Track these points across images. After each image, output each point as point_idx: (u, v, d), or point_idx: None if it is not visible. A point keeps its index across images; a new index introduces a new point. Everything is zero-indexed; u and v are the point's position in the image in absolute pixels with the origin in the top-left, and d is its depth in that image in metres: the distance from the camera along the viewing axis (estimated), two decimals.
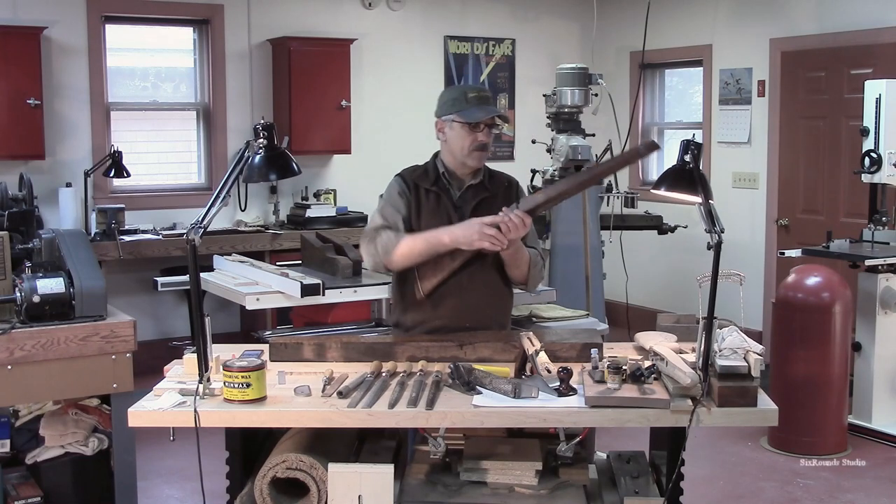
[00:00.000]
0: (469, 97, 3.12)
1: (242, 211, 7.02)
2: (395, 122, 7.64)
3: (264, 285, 4.21)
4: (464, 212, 3.12)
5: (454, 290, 3.09)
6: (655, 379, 2.55)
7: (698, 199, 2.71)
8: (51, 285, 3.37)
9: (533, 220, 3.01)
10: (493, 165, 3.31)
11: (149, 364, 3.70)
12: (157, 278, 5.16)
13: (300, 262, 4.81)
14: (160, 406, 2.51)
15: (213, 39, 6.95)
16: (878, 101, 5.32)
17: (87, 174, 6.33)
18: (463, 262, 3.04)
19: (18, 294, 3.34)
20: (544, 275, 3.26)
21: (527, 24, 8.27)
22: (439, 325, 3.10)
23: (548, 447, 2.72)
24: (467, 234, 2.97)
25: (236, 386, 2.48)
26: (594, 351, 2.67)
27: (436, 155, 3.22)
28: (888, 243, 5.44)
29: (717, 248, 2.51)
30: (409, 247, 3.04)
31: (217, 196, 2.72)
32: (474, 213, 3.08)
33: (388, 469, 2.56)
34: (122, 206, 6.39)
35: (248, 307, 4.10)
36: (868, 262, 5.18)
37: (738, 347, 2.52)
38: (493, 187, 3.20)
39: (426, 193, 3.15)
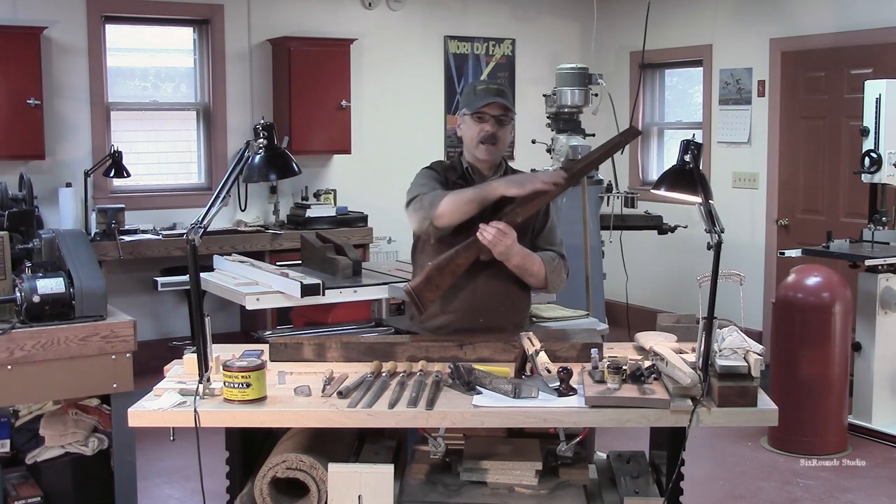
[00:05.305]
0: (478, 90, 3.15)
1: (242, 211, 7.01)
2: (395, 122, 7.65)
3: (264, 285, 4.22)
4: (486, 205, 3.07)
5: (468, 289, 3.10)
6: (655, 379, 2.55)
7: (698, 199, 2.71)
8: (51, 285, 3.37)
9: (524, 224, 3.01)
10: None
11: (149, 364, 3.70)
12: (157, 278, 5.18)
13: (300, 262, 4.81)
14: (160, 406, 2.51)
15: (213, 39, 6.95)
16: (878, 101, 5.32)
17: (87, 174, 6.33)
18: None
19: (18, 294, 3.34)
20: (564, 276, 3.23)
21: (527, 24, 8.27)
22: (452, 321, 3.13)
23: (548, 447, 2.71)
24: (521, 181, 2.98)
25: (236, 386, 2.48)
26: (594, 351, 2.67)
27: (461, 152, 3.25)
28: (888, 243, 5.44)
29: (717, 248, 2.50)
30: (456, 194, 2.98)
31: (217, 196, 2.72)
32: (495, 207, 3.02)
33: (388, 469, 2.56)
34: (122, 206, 6.39)
35: (248, 307, 4.12)
36: (868, 262, 5.18)
37: (738, 347, 2.52)
38: None
39: (454, 186, 3.14)
